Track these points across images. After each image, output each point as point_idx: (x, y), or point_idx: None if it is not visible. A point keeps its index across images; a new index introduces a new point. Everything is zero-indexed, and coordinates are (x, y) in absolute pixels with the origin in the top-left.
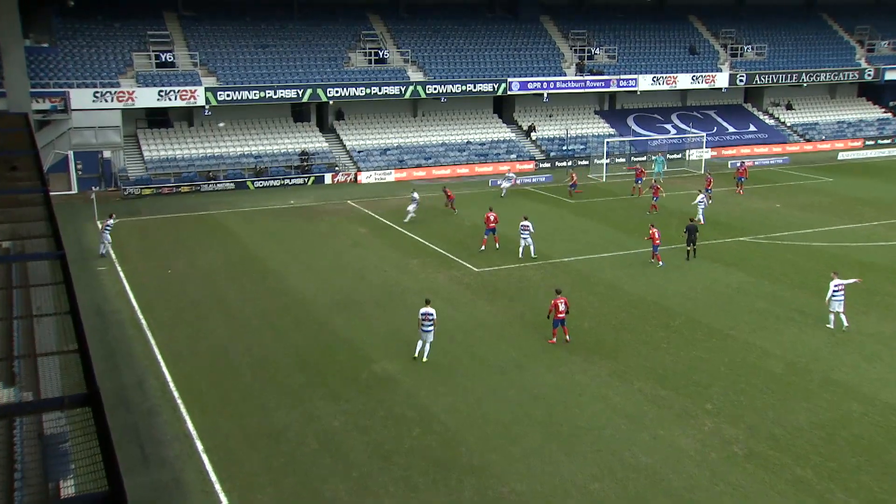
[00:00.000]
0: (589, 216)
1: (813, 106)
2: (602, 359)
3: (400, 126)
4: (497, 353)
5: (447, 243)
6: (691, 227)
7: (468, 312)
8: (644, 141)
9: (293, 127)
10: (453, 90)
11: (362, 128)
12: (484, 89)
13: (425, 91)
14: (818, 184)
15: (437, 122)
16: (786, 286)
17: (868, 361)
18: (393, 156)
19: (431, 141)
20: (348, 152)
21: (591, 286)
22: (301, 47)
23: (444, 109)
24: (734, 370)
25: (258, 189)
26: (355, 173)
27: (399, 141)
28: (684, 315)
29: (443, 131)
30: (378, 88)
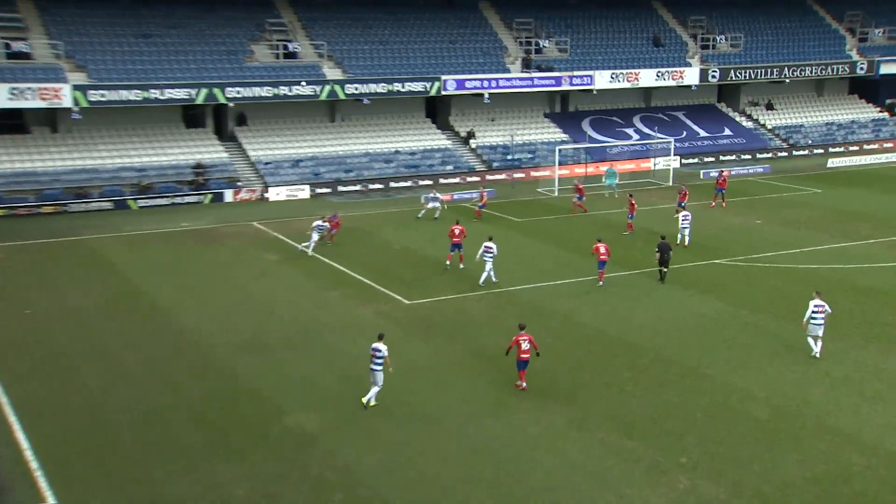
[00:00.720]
0: (539, 237)
1: (797, 105)
2: (558, 405)
3: (315, 133)
4: (434, 402)
5: (372, 271)
6: (663, 246)
7: (398, 353)
8: (602, 148)
9: (185, 134)
10: (377, 90)
11: (269, 135)
12: (414, 89)
13: (344, 91)
14: (805, 196)
15: (358, 127)
16: (770, 316)
17: (869, 403)
18: (307, 168)
19: (353, 150)
20: (253, 164)
21: (544, 319)
22: (193, 38)
23: (368, 113)
24: (712, 416)
25: (142, 209)
26: (262, 189)
27: (314, 150)
28: (653, 351)
29: (366, 139)
30: (287, 88)
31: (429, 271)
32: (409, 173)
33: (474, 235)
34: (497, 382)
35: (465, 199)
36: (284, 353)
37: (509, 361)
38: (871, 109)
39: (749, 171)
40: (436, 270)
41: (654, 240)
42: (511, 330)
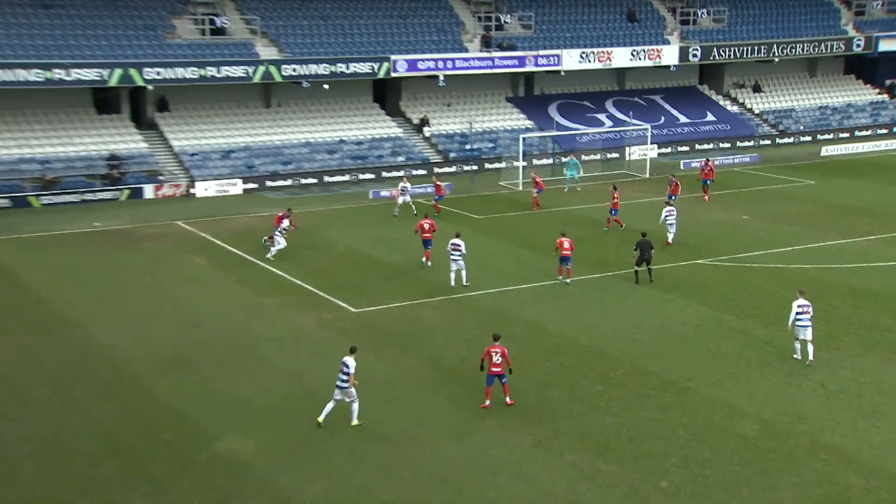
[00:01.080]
0: (502, 236)
1: (787, 87)
2: (523, 424)
3: (247, 120)
4: (385, 422)
5: (314, 276)
6: (644, 244)
7: None
8: (571, 136)
9: (96, 121)
10: (319, 72)
11: (195, 123)
12: (360, 70)
13: (281, 73)
14: (796, 188)
15: (298, 114)
16: (758, 322)
17: (868, 419)
18: (239, 160)
19: (291, 139)
20: (176, 156)
21: (507, 327)
22: (104, 10)
23: (308, 98)
24: (696, 434)
25: (47, 207)
26: (188, 184)
27: (247, 140)
28: (628, 363)
29: (306, 127)
30: (215, 69)
31: (378, 275)
32: (356, 165)
33: (442, 239)
34: (457, 399)
35: (419, 192)
36: (213, 370)
37: (471, 375)
38: (869, 91)
39: (735, 161)
40: (386, 274)
41: (628, 238)
42: (472, 341)
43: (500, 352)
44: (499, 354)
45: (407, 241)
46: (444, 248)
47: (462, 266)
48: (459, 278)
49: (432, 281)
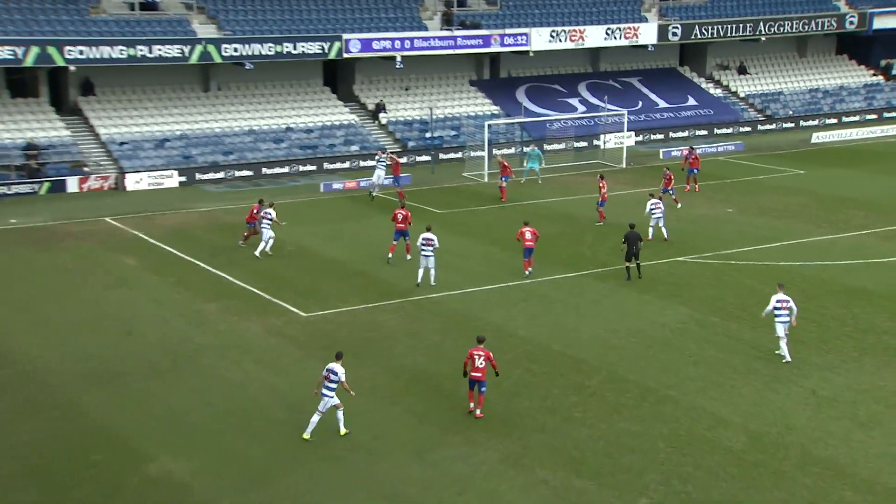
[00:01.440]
0: (466, 232)
1: (775, 69)
2: (490, 438)
3: (184, 105)
4: (339, 437)
5: (260, 278)
6: (632, 236)
7: (294, 378)
8: (541, 123)
9: (10, 106)
10: (263, 52)
11: (124, 108)
12: (309, 50)
13: (220, 53)
14: (785, 178)
15: (240, 99)
16: (745, 325)
17: (863, 429)
18: (175, 149)
19: (233, 127)
20: (104, 145)
21: (473, 331)
22: None
23: (252, 81)
24: (678, 447)
25: None
26: (116, 177)
27: (183, 127)
28: (605, 370)
29: (250, 113)
30: (147, 48)
31: (331, 276)
32: (305, 155)
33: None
34: (417, 412)
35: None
36: (147, 383)
37: (433, 385)
38: (863, 72)
39: (718, 149)
40: (340, 274)
41: (604, 234)
42: (433, 347)
43: (483, 355)
44: (482, 358)
45: (362, 239)
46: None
47: (433, 264)
48: (427, 277)
49: (390, 281)
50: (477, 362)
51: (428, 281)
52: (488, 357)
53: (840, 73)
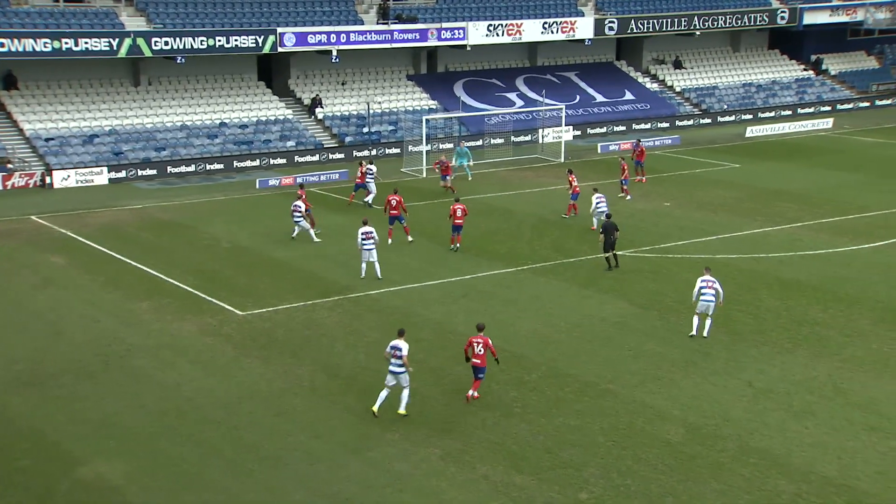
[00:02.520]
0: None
1: (710, 63)
2: (431, 435)
3: (113, 100)
4: (275, 437)
5: (195, 276)
6: (609, 226)
7: (230, 378)
8: (479, 118)
9: None
10: (195, 46)
11: (50, 103)
12: (242, 44)
13: (150, 47)
14: (721, 172)
15: (171, 94)
16: (684, 318)
17: (798, 419)
18: (104, 146)
19: (165, 122)
20: (28, 140)
21: (412, 329)
22: None
23: (183, 75)
24: (617, 441)
25: None
26: (43, 173)
27: (113, 123)
28: (544, 365)
29: (182, 108)
30: (73, 41)
31: (267, 274)
32: (240, 151)
33: (337, 234)
34: (356, 411)
35: (312, 181)
36: (77, 386)
37: (372, 383)
38: (794, 67)
39: (655, 144)
40: (277, 272)
41: (545, 229)
42: (373, 345)
43: (482, 342)
44: (481, 345)
45: (299, 236)
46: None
47: (376, 257)
48: (372, 270)
49: (328, 279)
50: (476, 349)
51: (373, 274)
52: (487, 344)
53: (772, 68)
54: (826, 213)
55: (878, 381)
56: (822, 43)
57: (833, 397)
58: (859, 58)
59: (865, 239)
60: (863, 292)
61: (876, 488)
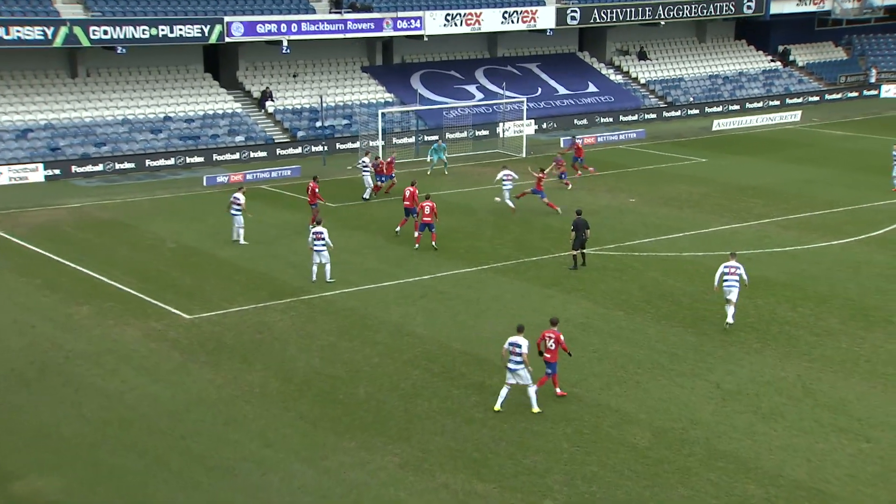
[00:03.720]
0: (359, 227)
1: (675, 54)
2: (388, 442)
3: (49, 93)
4: (224, 446)
5: (139, 278)
6: (579, 223)
7: (176, 385)
8: (437, 111)
9: None
10: (136, 35)
11: None
12: (187, 34)
13: (88, 36)
14: (687, 167)
15: (112, 86)
16: (649, 318)
17: (766, 421)
18: (39, 140)
19: (105, 116)
20: None
21: (369, 332)
22: None
23: (125, 67)
24: (582, 446)
25: None
26: None
27: (49, 117)
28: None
29: (124, 101)
30: (3, 30)
31: (216, 275)
32: (186, 147)
33: (290, 233)
34: (310, 418)
35: (263, 178)
36: (11, 396)
37: (326, 389)
38: (761, 58)
39: (620, 137)
40: (225, 273)
41: (507, 227)
42: (327, 348)
43: (553, 337)
44: (552, 340)
45: (248, 235)
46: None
47: (327, 259)
48: (322, 273)
49: (279, 280)
50: (547, 344)
51: (323, 277)
52: (558, 339)
53: (739, 59)
54: (794, 208)
55: (848, 381)
56: (789, 33)
57: (802, 398)
58: (827, 49)
59: (834, 235)
60: (832, 290)
61: (846, 491)
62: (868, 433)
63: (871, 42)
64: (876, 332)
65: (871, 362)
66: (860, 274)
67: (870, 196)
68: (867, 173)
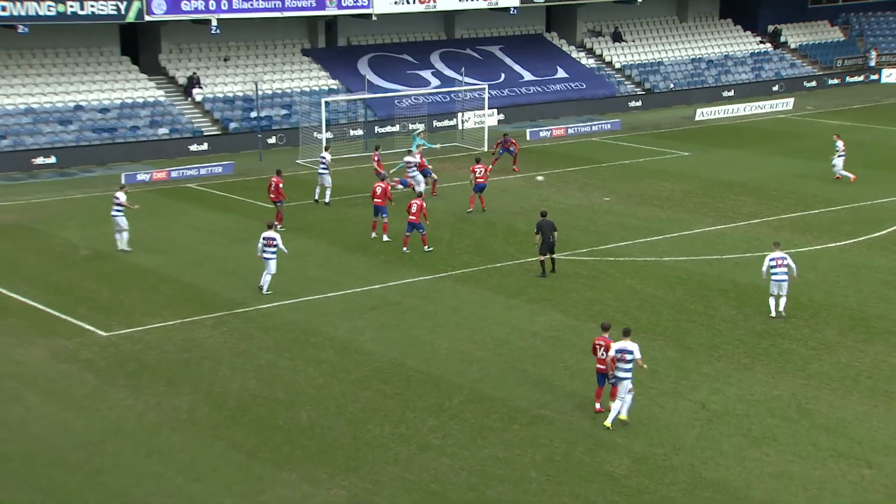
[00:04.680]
0: (302, 231)
1: (654, 35)
2: (335, 474)
3: None
4: (146, 481)
5: (49, 290)
6: (545, 225)
7: (90, 412)
8: (389, 99)
9: None
10: (41, 12)
11: None
12: (101, 11)
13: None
14: (668, 161)
15: (14, 70)
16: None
17: (758, 445)
18: None
19: (5, 105)
20: None
21: (312, 349)
22: None
23: (28, 48)
24: (552, 475)
25: None
26: None
27: None
28: (467, 388)
29: (27, 88)
30: None
31: (137, 287)
32: (101, 140)
33: (223, 237)
34: (245, 447)
35: (191, 176)
36: None
37: (263, 414)
38: (749, 39)
39: (593, 129)
40: (148, 284)
41: (467, 229)
42: (265, 368)
43: (604, 345)
44: (603, 349)
45: (174, 240)
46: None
47: (273, 270)
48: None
49: (210, 291)
50: (599, 353)
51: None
52: (607, 348)
53: (724, 41)
54: (787, 207)
55: (847, 400)
56: (780, 11)
57: (797, 419)
58: (822, 28)
59: (831, 237)
60: (829, 298)
61: None
62: (870, 458)
63: (871, 21)
64: (878, 345)
65: (872, 378)
66: (860, 280)
67: (871, 193)
68: (868, 168)
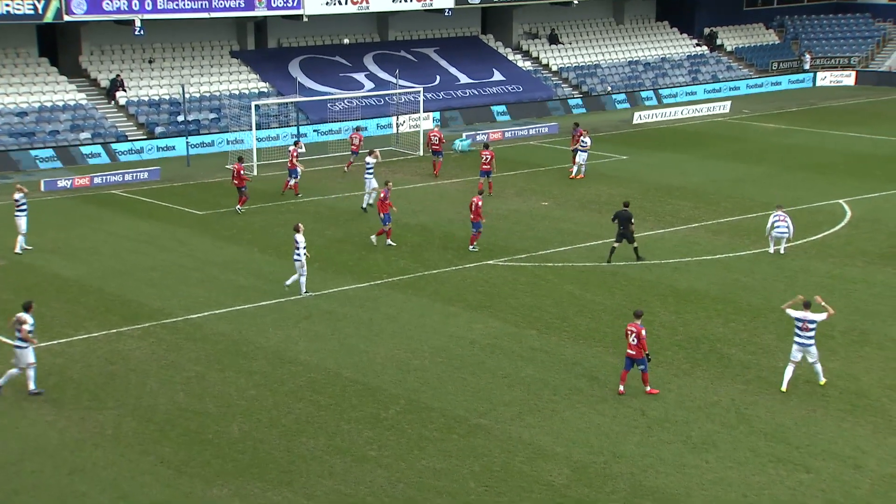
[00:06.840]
0: (232, 239)
1: (591, 37)
2: (268, 487)
3: None
4: (70, 500)
5: None
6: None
7: (7, 430)
8: (321, 103)
9: None
10: None
11: None
12: (16, 10)
13: None
14: (606, 165)
15: None
16: (566, 338)
17: (697, 452)
18: None
19: None
20: None
21: (243, 360)
22: None
23: None
24: (491, 486)
25: None
26: None
27: None
28: (404, 398)
29: None
30: None
31: (57, 297)
32: (18, 145)
33: (151, 246)
34: (173, 463)
35: (115, 182)
36: None
37: (192, 428)
38: (685, 42)
39: (530, 132)
40: (68, 295)
41: (403, 235)
42: (194, 381)
43: (635, 332)
44: (634, 335)
45: (97, 249)
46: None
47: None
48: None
49: (136, 301)
50: (629, 339)
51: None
52: (639, 334)
53: (661, 43)
54: (725, 211)
55: (785, 405)
56: (715, 14)
57: (736, 425)
58: (758, 31)
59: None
60: (767, 303)
61: None
62: (808, 463)
63: (805, 24)
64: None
65: (810, 383)
66: (797, 284)
67: (807, 196)
68: (804, 171)
